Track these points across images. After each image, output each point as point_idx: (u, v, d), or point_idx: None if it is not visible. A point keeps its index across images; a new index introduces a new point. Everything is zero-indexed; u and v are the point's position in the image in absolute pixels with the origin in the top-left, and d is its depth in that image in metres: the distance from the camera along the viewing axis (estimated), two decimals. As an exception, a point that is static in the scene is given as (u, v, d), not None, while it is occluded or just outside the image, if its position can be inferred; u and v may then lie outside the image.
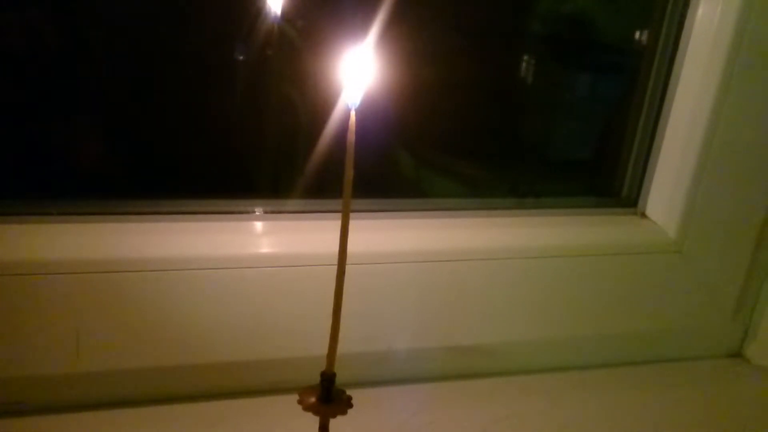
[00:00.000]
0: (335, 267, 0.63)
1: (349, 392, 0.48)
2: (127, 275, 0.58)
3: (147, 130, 0.67)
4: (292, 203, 0.68)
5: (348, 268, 0.62)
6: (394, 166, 0.74)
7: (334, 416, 0.47)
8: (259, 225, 0.66)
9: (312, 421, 0.47)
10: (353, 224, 0.67)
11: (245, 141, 0.70)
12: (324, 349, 0.46)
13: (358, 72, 0.44)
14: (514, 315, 0.69)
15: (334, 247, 0.65)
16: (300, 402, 0.46)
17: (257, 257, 0.62)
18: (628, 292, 0.73)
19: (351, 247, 0.65)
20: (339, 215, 0.67)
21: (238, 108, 0.69)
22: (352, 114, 0.45)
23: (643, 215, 0.75)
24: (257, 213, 0.66)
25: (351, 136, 0.46)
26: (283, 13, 0.64)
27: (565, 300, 0.71)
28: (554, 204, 0.75)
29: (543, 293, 0.70)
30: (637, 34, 0.76)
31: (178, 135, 0.68)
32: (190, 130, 0.68)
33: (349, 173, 0.47)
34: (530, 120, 0.80)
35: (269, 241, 0.64)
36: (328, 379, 0.47)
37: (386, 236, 0.66)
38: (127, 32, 0.63)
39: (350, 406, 0.47)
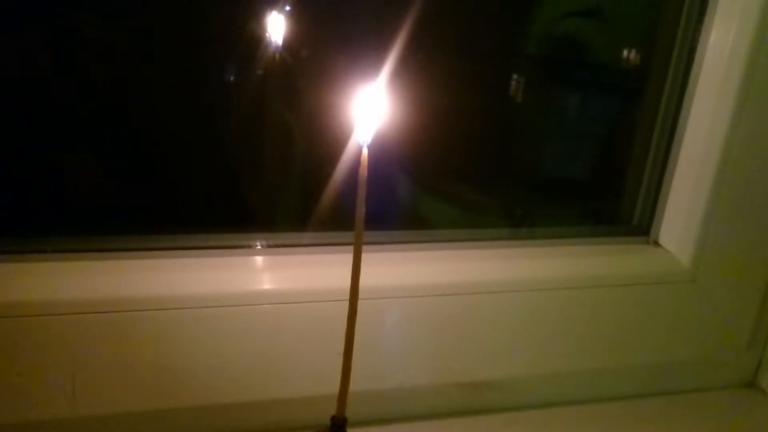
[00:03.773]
0: (341, 303, 0.61)
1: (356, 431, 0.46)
2: (123, 315, 0.56)
3: (143, 163, 0.65)
4: (293, 236, 0.66)
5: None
6: (398, 196, 0.72)
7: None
8: (260, 260, 0.64)
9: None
10: (367, 257, 0.66)
11: (245, 173, 0.68)
12: (331, 388, 0.44)
13: (370, 111, 0.42)
14: (524, 348, 0.67)
15: (339, 281, 0.63)
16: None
17: (259, 294, 0.60)
18: (640, 323, 0.71)
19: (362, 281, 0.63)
20: (342, 248, 0.65)
21: (237, 139, 0.67)
22: (365, 151, 0.44)
23: (656, 243, 0.74)
24: (258, 247, 0.64)
25: (363, 172, 0.44)
26: (286, 44, 0.62)
27: (576, 332, 0.68)
28: (564, 233, 0.73)
29: (554, 326, 0.68)
30: (649, 58, 0.75)
31: (176, 167, 0.66)
32: (188, 162, 0.66)
33: (361, 210, 0.46)
34: (538, 146, 0.78)
35: (271, 277, 0.62)
36: (339, 424, 0.46)
37: (391, 270, 0.64)
38: (124, 67, 0.61)
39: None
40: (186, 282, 0.58)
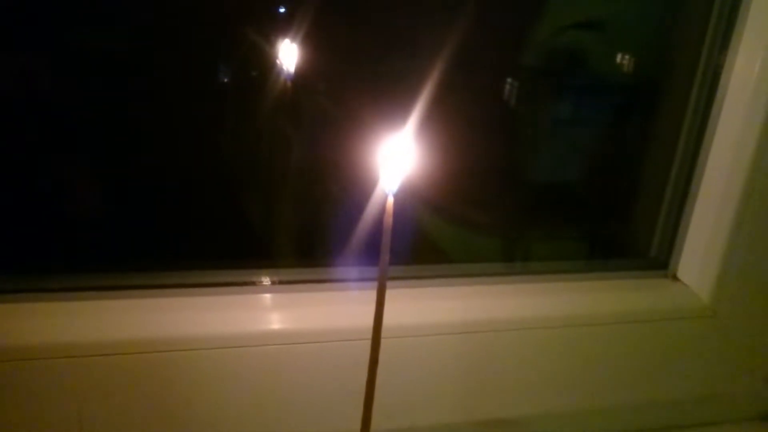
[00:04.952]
0: (353, 342, 0.60)
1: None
2: (128, 358, 0.54)
3: (146, 196, 0.63)
4: (300, 272, 0.64)
5: (364, 343, 0.59)
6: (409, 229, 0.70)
7: None
8: (268, 297, 0.61)
9: None
10: (369, 295, 0.64)
11: (251, 207, 0.66)
12: (346, 427, 0.42)
13: (397, 160, 0.41)
14: (543, 386, 0.65)
15: (351, 320, 0.61)
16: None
17: (267, 334, 0.57)
18: (659, 359, 0.69)
19: (367, 320, 0.61)
20: (353, 284, 0.63)
21: (244, 172, 0.65)
22: (390, 200, 0.42)
23: (675, 278, 0.72)
24: (265, 284, 0.62)
25: (388, 221, 0.43)
26: (297, 75, 0.61)
27: (596, 369, 0.67)
28: (580, 267, 0.72)
29: (572, 363, 0.66)
30: (670, 83, 0.73)
31: (183, 201, 0.64)
32: (194, 196, 0.64)
33: (385, 257, 0.44)
34: (553, 175, 0.76)
35: (280, 317, 0.60)
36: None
37: (404, 307, 0.62)
38: (135, 106, 0.59)
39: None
40: (192, 322, 0.56)
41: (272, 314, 0.60)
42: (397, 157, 0.41)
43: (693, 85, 0.69)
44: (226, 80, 0.62)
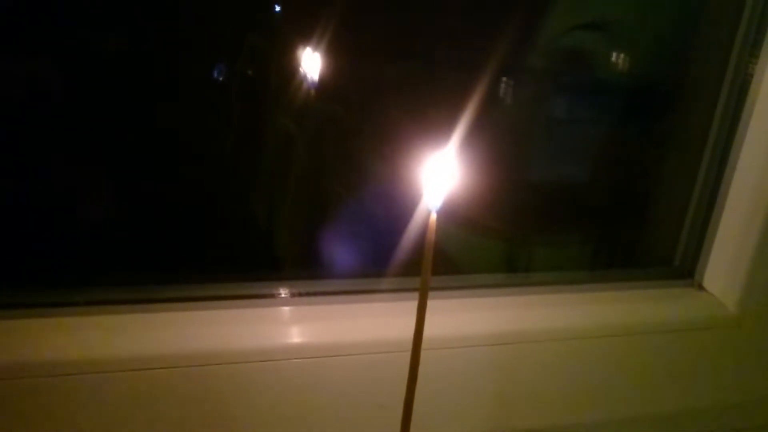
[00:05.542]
0: (380, 355, 0.59)
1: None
2: (148, 373, 0.52)
3: (159, 207, 0.62)
4: (321, 284, 0.63)
5: (391, 356, 0.58)
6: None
7: None
8: (289, 310, 0.60)
9: None
10: (391, 307, 0.63)
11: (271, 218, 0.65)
12: None
13: (440, 177, 0.40)
14: (573, 396, 0.64)
15: (377, 331, 0.60)
16: None
17: (290, 348, 0.56)
18: (686, 369, 0.68)
19: (397, 332, 0.60)
20: (376, 296, 0.62)
21: (265, 182, 0.64)
22: (433, 216, 0.41)
23: (700, 287, 0.71)
24: (284, 296, 0.61)
25: (431, 238, 0.42)
26: (326, 87, 0.60)
27: (623, 379, 0.66)
28: (606, 277, 0.71)
29: (601, 373, 0.65)
30: (697, 90, 0.72)
31: (197, 210, 0.63)
32: (209, 205, 0.63)
33: (427, 275, 0.43)
34: (577, 183, 0.76)
35: (301, 330, 0.58)
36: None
37: (435, 319, 0.61)
38: (151, 117, 0.58)
39: None
40: (212, 336, 0.55)
41: (293, 327, 0.59)
42: (441, 175, 0.40)
43: (721, 90, 0.68)
44: (253, 91, 0.61)
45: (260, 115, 0.62)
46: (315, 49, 0.59)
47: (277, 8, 0.60)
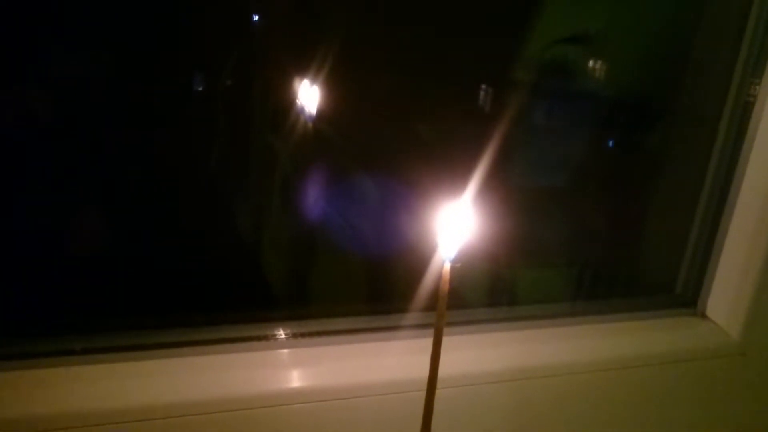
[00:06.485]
0: (388, 396, 0.57)
1: None
2: (148, 424, 0.51)
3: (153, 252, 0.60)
4: (321, 323, 0.61)
5: (397, 398, 0.56)
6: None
7: None
8: (287, 352, 0.58)
9: None
10: (402, 345, 0.62)
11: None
12: None
13: (456, 228, 0.39)
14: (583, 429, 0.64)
15: (383, 372, 0.59)
16: None
17: (289, 393, 0.55)
18: (690, 399, 0.67)
19: (403, 373, 0.59)
20: (379, 334, 0.61)
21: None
22: (447, 266, 0.40)
23: (704, 316, 0.71)
24: (284, 337, 0.59)
25: (445, 287, 0.41)
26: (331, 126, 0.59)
27: (630, 411, 0.65)
28: (609, 307, 0.70)
29: (606, 407, 0.64)
30: (699, 113, 0.71)
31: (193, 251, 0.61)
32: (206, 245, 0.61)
33: (441, 323, 0.42)
34: (577, 212, 0.75)
35: (303, 373, 0.57)
36: None
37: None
38: (148, 166, 0.57)
39: None
40: (209, 384, 0.53)
41: (293, 371, 0.57)
42: (456, 225, 0.39)
43: (723, 114, 0.67)
44: (263, 134, 0.60)
45: (259, 155, 0.61)
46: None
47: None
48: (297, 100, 0.59)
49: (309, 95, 0.58)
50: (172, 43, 0.56)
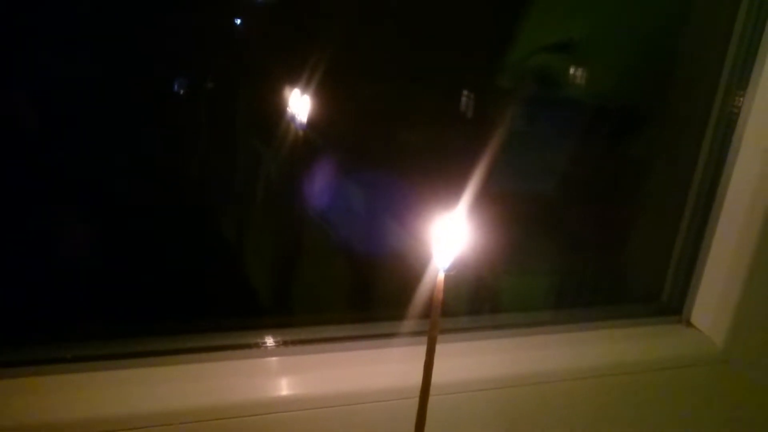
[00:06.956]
0: (376, 404, 0.57)
1: None
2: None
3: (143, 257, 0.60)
4: (309, 331, 0.61)
5: (387, 405, 0.56)
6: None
7: None
8: (276, 360, 0.58)
9: None
10: (392, 353, 0.62)
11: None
12: None
13: (450, 238, 0.39)
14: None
15: (373, 380, 0.58)
16: None
17: (281, 400, 0.54)
18: (673, 406, 0.68)
19: (393, 380, 0.59)
20: (370, 342, 0.60)
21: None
22: (441, 276, 0.40)
23: (689, 323, 0.72)
24: (272, 345, 0.59)
25: (438, 296, 0.41)
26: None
27: (615, 418, 0.66)
28: (595, 315, 0.70)
29: (592, 414, 0.65)
30: (684, 123, 0.72)
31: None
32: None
33: (434, 333, 0.42)
34: (563, 220, 0.76)
35: (291, 381, 0.57)
36: None
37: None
38: (145, 172, 0.56)
39: None
40: (198, 392, 0.53)
41: (283, 378, 0.56)
42: (450, 236, 0.40)
43: (708, 125, 0.68)
44: (251, 141, 0.60)
45: (248, 162, 0.61)
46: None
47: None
48: (285, 106, 0.59)
49: (298, 101, 0.58)
50: (158, 46, 0.55)
